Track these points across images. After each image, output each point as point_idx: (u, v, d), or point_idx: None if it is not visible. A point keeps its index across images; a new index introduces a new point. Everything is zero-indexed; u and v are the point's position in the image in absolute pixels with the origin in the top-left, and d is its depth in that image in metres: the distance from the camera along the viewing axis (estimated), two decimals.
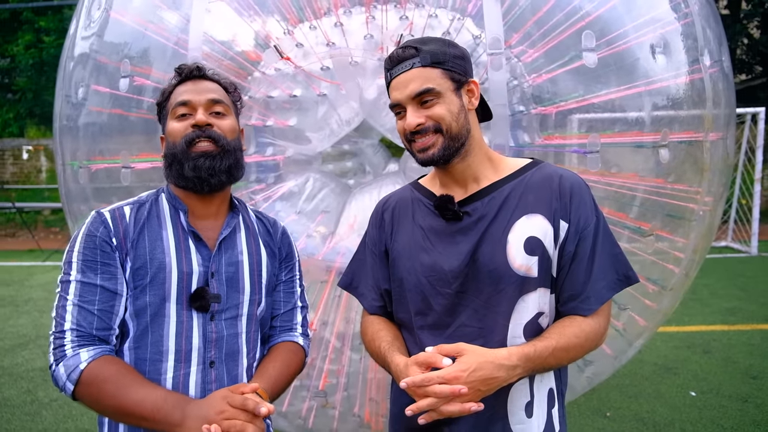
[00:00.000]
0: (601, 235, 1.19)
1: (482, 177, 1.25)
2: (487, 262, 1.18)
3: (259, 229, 1.40)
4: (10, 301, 6.12)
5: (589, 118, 2.24)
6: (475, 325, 1.19)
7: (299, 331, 1.43)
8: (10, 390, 3.79)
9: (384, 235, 1.35)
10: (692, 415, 3.30)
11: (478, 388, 1.07)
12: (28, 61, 12.02)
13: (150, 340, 1.21)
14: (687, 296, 5.71)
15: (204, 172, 1.22)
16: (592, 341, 1.18)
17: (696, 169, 2.22)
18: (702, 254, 2.55)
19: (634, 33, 2.12)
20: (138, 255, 1.21)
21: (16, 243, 10.41)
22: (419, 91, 1.17)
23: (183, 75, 1.30)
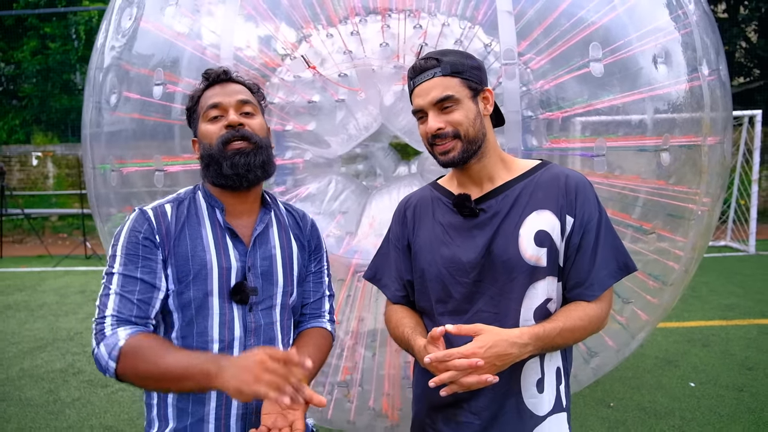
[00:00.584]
0: (603, 229, 1.33)
1: (496, 177, 1.38)
2: (501, 253, 1.31)
3: (289, 222, 1.48)
4: (25, 306, 6.23)
5: (592, 122, 2.37)
6: (491, 310, 1.32)
7: (327, 317, 1.53)
8: (32, 390, 3.89)
9: (407, 231, 1.47)
10: (691, 404, 3.44)
11: (494, 363, 1.19)
12: (34, 67, 12.11)
13: (196, 330, 1.30)
14: (687, 293, 5.86)
15: (241, 168, 1.29)
16: (595, 324, 1.32)
17: (695, 172, 2.35)
18: (701, 252, 2.68)
19: (636, 42, 2.24)
20: (180, 253, 1.29)
21: (25, 249, 10.51)
22: (440, 98, 1.30)
23: (210, 79, 1.38)
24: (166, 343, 1.24)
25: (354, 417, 2.58)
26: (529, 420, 1.33)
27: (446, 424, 1.37)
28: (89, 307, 6.11)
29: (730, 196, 8.85)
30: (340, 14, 2.56)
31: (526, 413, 1.33)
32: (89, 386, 3.96)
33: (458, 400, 1.33)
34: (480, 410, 1.32)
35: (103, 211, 2.67)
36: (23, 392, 3.87)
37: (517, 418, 1.33)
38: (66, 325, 5.47)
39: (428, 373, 1.32)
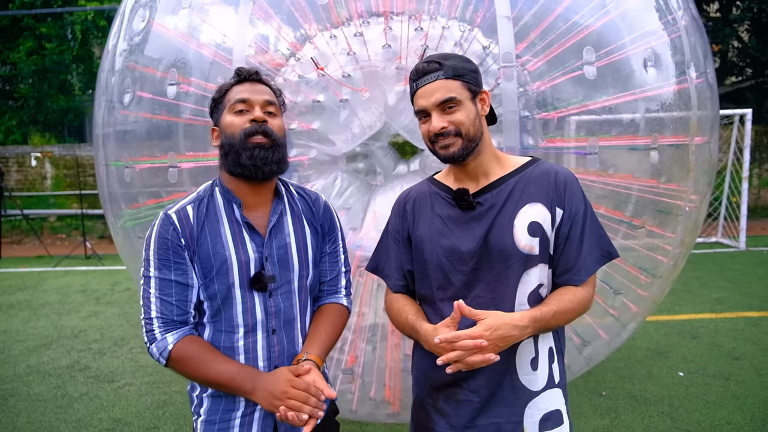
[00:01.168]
0: (589, 220, 1.45)
1: (491, 173, 1.49)
2: (497, 243, 1.42)
3: (302, 208, 1.58)
4: (27, 305, 6.29)
5: (586, 121, 2.49)
6: (488, 295, 1.43)
7: (343, 293, 1.65)
8: (40, 386, 3.97)
9: (407, 224, 1.57)
10: (679, 392, 3.59)
11: (497, 344, 1.31)
12: (30, 67, 12.10)
13: (223, 316, 1.45)
14: (679, 287, 6.01)
15: (259, 160, 1.40)
16: (583, 306, 1.45)
17: (683, 170, 2.47)
18: (689, 247, 2.80)
19: (628, 46, 2.36)
20: (202, 251, 1.42)
21: (23, 250, 10.54)
22: (443, 99, 1.39)
23: (242, 76, 1.48)
24: (209, 350, 1.42)
25: (356, 406, 2.69)
26: (524, 395, 1.45)
27: (447, 403, 1.48)
28: (91, 306, 6.19)
29: (721, 193, 9.02)
30: (343, 16, 2.66)
31: (521, 389, 1.44)
32: (96, 381, 4.04)
33: (457, 380, 1.44)
34: (479, 388, 1.44)
35: (115, 207, 2.76)
36: (31, 388, 3.95)
37: (512, 395, 1.44)
38: (69, 323, 5.54)
39: (428, 357, 1.45)
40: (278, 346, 1.49)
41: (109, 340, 4.99)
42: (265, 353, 1.47)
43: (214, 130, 1.51)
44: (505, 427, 1.43)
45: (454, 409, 1.46)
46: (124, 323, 5.50)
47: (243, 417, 1.47)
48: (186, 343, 1.40)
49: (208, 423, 1.48)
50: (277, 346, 1.49)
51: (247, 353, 1.46)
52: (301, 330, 1.54)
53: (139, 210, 2.66)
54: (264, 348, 1.47)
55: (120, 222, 2.73)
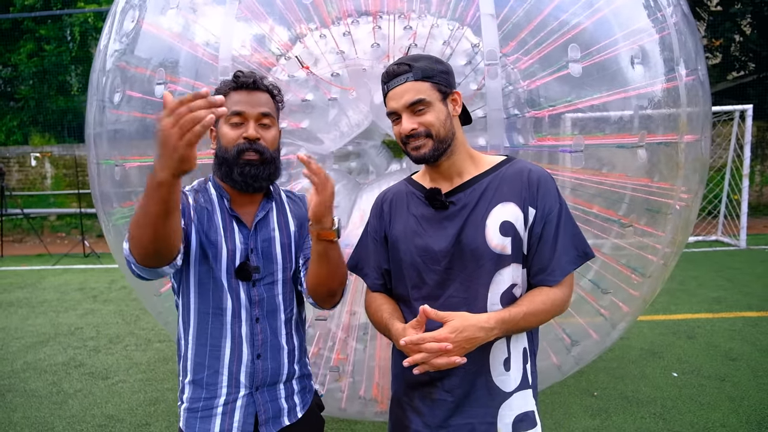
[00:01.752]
0: (563, 219, 1.44)
1: (465, 172, 1.49)
2: (469, 242, 1.42)
3: (289, 206, 1.64)
4: (26, 303, 6.32)
5: (579, 118, 2.48)
6: (461, 295, 1.43)
7: None
8: (36, 382, 4.00)
9: (383, 223, 1.58)
10: (673, 393, 3.56)
11: (463, 345, 1.32)
12: (30, 69, 12.17)
13: (212, 296, 1.50)
14: (675, 287, 6.00)
15: (249, 178, 1.47)
16: (558, 307, 1.44)
17: (672, 168, 2.47)
18: (680, 246, 2.79)
19: (616, 44, 2.36)
20: (200, 230, 1.49)
21: (24, 248, 10.59)
22: (412, 101, 1.40)
23: (239, 84, 1.50)
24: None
25: (345, 405, 2.70)
26: (498, 396, 1.45)
27: (422, 401, 1.48)
28: (88, 304, 6.22)
29: (721, 191, 8.95)
30: (333, 15, 2.67)
31: (495, 390, 1.44)
32: (91, 378, 4.06)
33: (433, 379, 1.45)
34: (453, 388, 1.44)
35: (106, 206, 2.78)
36: (28, 384, 3.97)
37: (487, 395, 1.44)
38: (66, 320, 5.56)
39: (405, 355, 1.43)
40: (261, 334, 1.53)
41: (105, 337, 5.01)
42: (248, 339, 1.52)
43: (211, 131, 1.54)
44: (479, 428, 1.44)
45: (429, 408, 1.47)
46: (120, 321, 5.52)
47: (225, 405, 1.50)
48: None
49: (191, 411, 1.52)
50: (260, 335, 1.53)
51: (233, 338, 1.51)
52: (284, 321, 1.57)
53: (132, 208, 2.67)
54: (247, 335, 1.52)
55: (112, 220, 2.75)
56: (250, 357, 1.52)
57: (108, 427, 3.31)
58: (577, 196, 2.49)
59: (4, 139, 12.22)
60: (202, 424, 1.50)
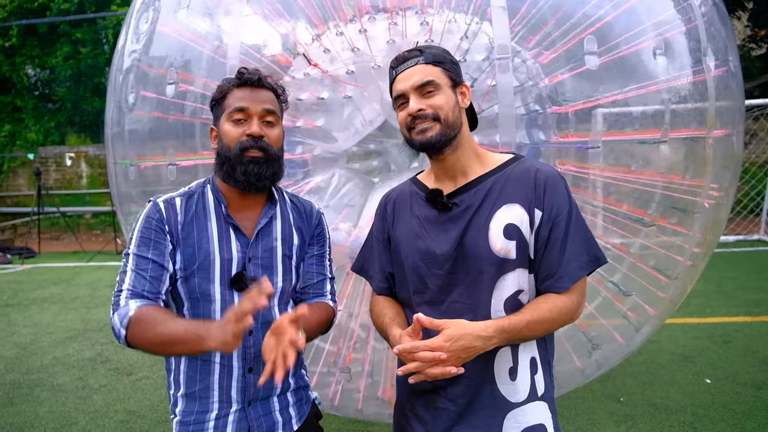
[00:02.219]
0: (573, 222, 1.34)
1: (470, 171, 1.42)
2: (472, 246, 1.35)
3: (293, 215, 1.57)
4: (59, 299, 6.51)
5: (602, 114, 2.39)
6: (465, 301, 1.36)
7: (329, 297, 1.62)
8: (63, 377, 4.11)
9: (387, 225, 1.52)
10: (705, 400, 3.40)
11: (459, 355, 1.24)
12: (67, 72, 12.56)
13: (201, 312, 1.44)
14: (712, 288, 5.77)
15: (252, 177, 1.41)
16: (566, 315, 1.34)
17: (699, 164, 2.35)
18: (710, 246, 2.65)
19: (642, 36, 2.26)
20: (188, 244, 1.42)
21: (61, 245, 10.93)
22: (423, 82, 1.35)
23: (243, 80, 1.45)
24: (169, 313, 1.35)
25: (362, 406, 2.66)
26: (503, 406, 1.37)
27: (425, 409, 1.42)
28: None
29: (764, 187, 8.58)
30: (349, 13, 2.63)
31: (500, 400, 1.37)
32: (115, 374, 4.14)
33: (436, 387, 1.38)
34: (456, 397, 1.37)
35: (124, 205, 2.81)
36: (55, 379, 4.08)
37: (491, 405, 1.37)
38: (96, 316, 5.70)
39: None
40: (254, 348, 1.47)
41: None
42: (240, 352, 1.46)
43: (212, 130, 1.51)
44: None
45: (432, 417, 1.41)
46: None
47: (217, 420, 1.46)
48: (147, 308, 1.31)
49: (183, 424, 1.47)
50: (253, 348, 1.47)
51: (222, 353, 1.44)
52: None
53: None
54: (239, 348, 1.45)
55: (129, 219, 2.78)
56: (241, 371, 1.46)
57: (129, 422, 3.36)
58: (608, 194, 2.41)
59: (42, 140, 12.62)
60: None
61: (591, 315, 2.55)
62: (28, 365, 4.38)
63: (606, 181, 2.41)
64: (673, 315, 4.84)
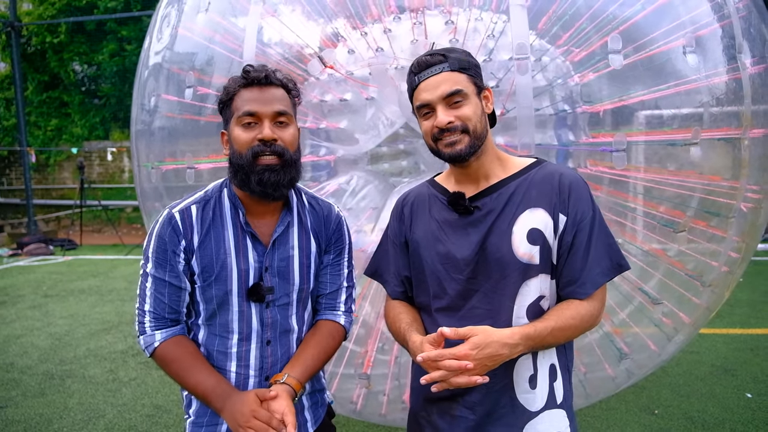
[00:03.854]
0: (597, 227, 1.31)
1: (492, 175, 1.38)
2: (494, 250, 1.31)
3: (312, 221, 1.51)
4: (96, 291, 6.72)
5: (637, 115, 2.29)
6: (485, 307, 1.32)
7: (342, 309, 1.57)
8: (95, 369, 4.22)
9: (404, 228, 1.49)
10: (745, 415, 3.23)
11: (485, 363, 1.21)
12: (112, 68, 12.95)
13: (218, 321, 1.43)
14: (758, 298, 5.51)
15: (269, 187, 1.33)
16: (588, 322, 1.31)
17: (734, 165, 2.24)
18: (748, 251, 2.52)
19: (673, 34, 2.15)
20: (205, 254, 1.38)
21: (102, 238, 11.31)
22: (450, 92, 1.30)
23: (250, 80, 1.35)
24: (192, 358, 1.40)
25: (386, 410, 2.62)
26: (522, 415, 1.33)
27: (441, 418, 1.39)
28: None
29: None
30: (374, 13, 2.59)
31: (519, 408, 1.33)
32: (145, 367, 4.23)
33: (453, 395, 1.35)
34: (474, 405, 1.34)
35: (148, 205, 2.85)
36: (87, 370, 4.20)
37: (510, 413, 1.33)
38: (131, 309, 5.85)
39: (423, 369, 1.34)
40: (272, 357, 1.46)
41: None
42: (257, 363, 1.45)
43: (223, 134, 1.44)
44: None
45: (448, 425, 1.37)
46: None
47: None
48: (172, 345, 1.39)
49: (196, 425, 1.47)
50: (271, 357, 1.46)
51: (239, 360, 1.44)
52: (297, 340, 1.50)
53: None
54: (257, 358, 1.45)
55: (153, 219, 2.81)
56: (257, 380, 1.45)
57: (155, 417, 3.42)
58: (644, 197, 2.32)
59: (87, 135, 13.06)
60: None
61: (624, 321, 2.45)
62: (62, 356, 4.52)
63: (641, 183, 2.31)
64: (715, 325, 4.68)
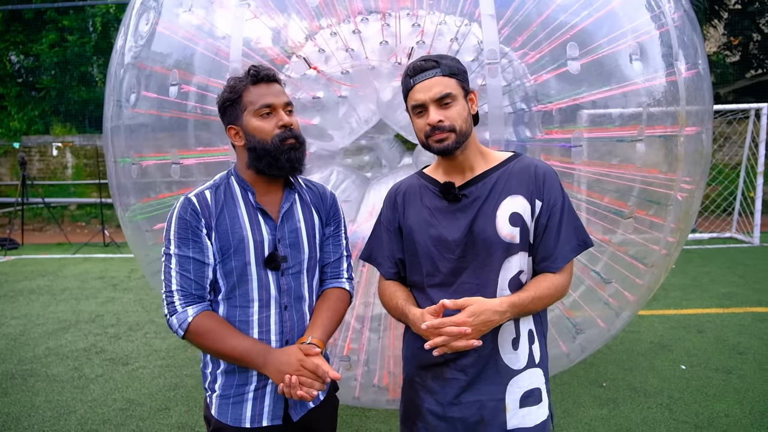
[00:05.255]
0: (566, 212, 1.55)
1: (476, 166, 1.59)
2: (480, 232, 1.52)
3: (310, 197, 1.70)
4: (47, 291, 6.51)
5: (584, 113, 2.53)
6: (473, 281, 1.54)
7: (345, 276, 1.76)
8: (58, 367, 4.15)
9: (397, 215, 1.68)
10: (680, 384, 3.61)
11: (480, 329, 1.43)
12: (52, 59, 12.38)
13: (238, 293, 1.57)
14: (688, 282, 6.01)
15: (296, 162, 1.55)
16: (560, 291, 1.55)
17: (672, 160, 2.52)
18: (683, 236, 2.83)
19: (619, 40, 2.40)
20: (221, 231, 1.54)
21: (44, 237, 10.86)
22: (442, 94, 1.49)
23: (260, 77, 1.54)
24: (225, 326, 1.53)
25: (359, 393, 2.78)
26: (507, 374, 1.55)
27: (435, 381, 1.59)
28: (108, 292, 6.39)
29: (736, 188, 8.90)
30: (343, 14, 2.72)
31: (504, 368, 1.55)
32: (111, 364, 4.21)
33: (446, 360, 1.55)
34: (465, 367, 1.54)
35: (123, 200, 2.88)
36: (50, 369, 4.13)
37: (496, 373, 1.55)
38: (87, 308, 5.74)
39: (418, 339, 1.56)
40: (289, 321, 1.61)
41: (125, 324, 5.17)
42: (277, 327, 1.59)
43: (231, 128, 1.59)
44: (488, 404, 1.54)
45: (441, 387, 1.57)
46: (140, 309, 5.68)
47: (256, 391, 1.59)
48: (204, 318, 1.51)
49: (223, 397, 1.60)
50: (288, 322, 1.61)
51: (260, 326, 1.58)
52: (309, 308, 1.66)
53: (148, 204, 2.77)
54: (276, 323, 1.59)
55: (127, 215, 2.85)
56: (279, 344, 1.58)
57: (129, 410, 3.44)
58: (590, 188, 2.56)
59: (26, 129, 12.46)
60: (234, 409, 1.58)
61: (575, 302, 2.71)
62: (20, 356, 4.42)
63: (589, 175, 2.56)
64: (652, 307, 5.11)
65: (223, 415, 1.59)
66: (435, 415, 1.58)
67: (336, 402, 1.80)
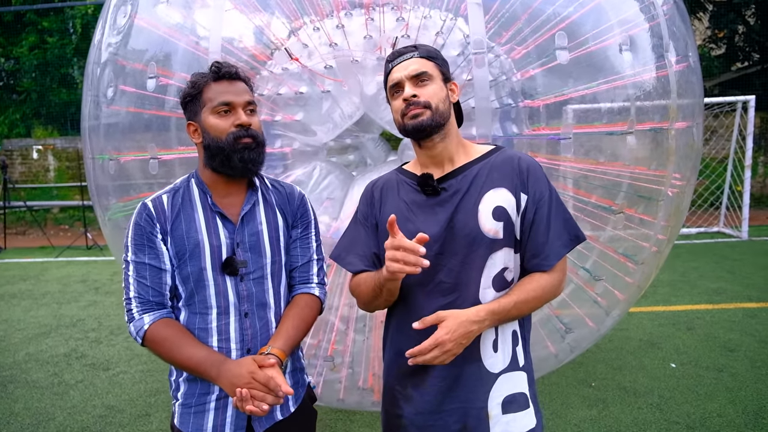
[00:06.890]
0: (554, 205, 1.47)
1: (456, 159, 1.52)
2: (461, 227, 1.44)
3: (275, 198, 1.63)
4: (29, 295, 6.38)
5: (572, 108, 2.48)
6: (452, 280, 1.45)
7: (315, 281, 1.67)
8: (38, 373, 4.05)
9: (374, 210, 1.59)
10: (670, 383, 3.57)
11: (460, 342, 1.36)
12: (32, 62, 12.19)
13: (197, 299, 1.51)
14: (676, 278, 6.00)
15: (249, 163, 1.49)
16: (550, 292, 1.47)
17: (662, 154, 2.47)
18: (673, 232, 2.79)
19: (608, 33, 2.36)
20: (177, 236, 1.49)
21: (27, 241, 10.66)
22: (418, 72, 1.45)
23: (221, 74, 1.50)
24: (182, 335, 1.48)
25: (344, 395, 2.72)
26: (488, 379, 1.47)
27: (414, 389, 1.50)
28: (90, 296, 6.27)
29: (723, 182, 8.92)
30: (326, 8, 2.66)
31: (485, 372, 1.47)
32: (92, 369, 4.11)
33: (426, 367, 1.47)
34: (445, 373, 1.46)
35: (102, 200, 2.79)
36: (29, 375, 4.02)
37: (477, 377, 1.47)
38: (69, 312, 5.61)
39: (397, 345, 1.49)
40: (251, 329, 1.53)
41: (107, 329, 5.05)
42: (237, 335, 1.52)
43: (190, 125, 1.54)
44: (471, 412, 1.46)
45: (421, 395, 1.49)
46: (122, 312, 5.48)
47: (218, 400, 1.52)
48: (161, 326, 1.46)
49: (185, 406, 1.53)
50: (250, 329, 1.53)
51: (220, 334, 1.51)
52: (275, 315, 1.58)
53: (128, 204, 2.68)
54: (237, 330, 1.52)
55: (107, 215, 2.76)
56: (240, 353, 1.52)
57: (108, 417, 3.35)
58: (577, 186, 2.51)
59: (6, 132, 12.26)
60: (195, 419, 1.51)
61: (563, 301, 2.67)
62: (0, 362, 4.31)
63: (576, 172, 2.51)
64: (641, 304, 5.08)
65: (185, 424, 1.53)
66: (416, 426, 1.50)
67: (313, 415, 1.72)
